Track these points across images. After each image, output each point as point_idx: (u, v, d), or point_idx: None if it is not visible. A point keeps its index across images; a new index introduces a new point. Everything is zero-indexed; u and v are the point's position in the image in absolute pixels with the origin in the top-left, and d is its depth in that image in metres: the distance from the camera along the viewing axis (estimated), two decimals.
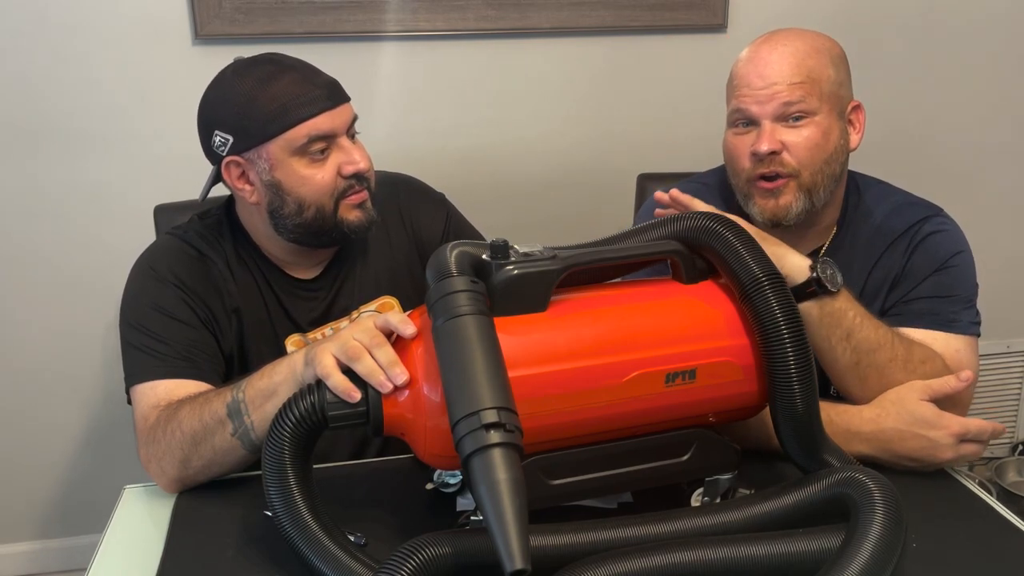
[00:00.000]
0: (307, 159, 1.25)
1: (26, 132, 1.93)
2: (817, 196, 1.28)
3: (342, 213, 1.28)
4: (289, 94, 1.23)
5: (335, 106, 1.25)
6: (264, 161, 1.25)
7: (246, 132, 1.24)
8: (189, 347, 1.23)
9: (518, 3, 2.04)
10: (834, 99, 1.28)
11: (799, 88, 1.25)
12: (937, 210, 1.36)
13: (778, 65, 1.26)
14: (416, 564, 0.81)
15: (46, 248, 2.00)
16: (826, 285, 1.12)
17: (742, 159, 1.29)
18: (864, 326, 1.15)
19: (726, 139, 1.33)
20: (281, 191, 1.26)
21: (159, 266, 1.28)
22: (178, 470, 1.12)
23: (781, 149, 1.26)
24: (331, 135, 1.25)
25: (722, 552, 0.87)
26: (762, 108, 1.26)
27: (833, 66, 1.29)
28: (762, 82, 1.26)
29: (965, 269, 1.31)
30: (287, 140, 1.23)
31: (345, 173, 1.27)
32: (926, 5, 2.25)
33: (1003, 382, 2.57)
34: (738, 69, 1.30)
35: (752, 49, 1.30)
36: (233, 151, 1.25)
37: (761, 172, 1.27)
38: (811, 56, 1.27)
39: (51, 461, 2.14)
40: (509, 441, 0.80)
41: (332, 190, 1.26)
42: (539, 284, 0.94)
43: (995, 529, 1.04)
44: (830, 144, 1.27)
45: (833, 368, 1.17)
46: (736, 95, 1.29)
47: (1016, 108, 2.39)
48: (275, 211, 1.28)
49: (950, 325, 1.26)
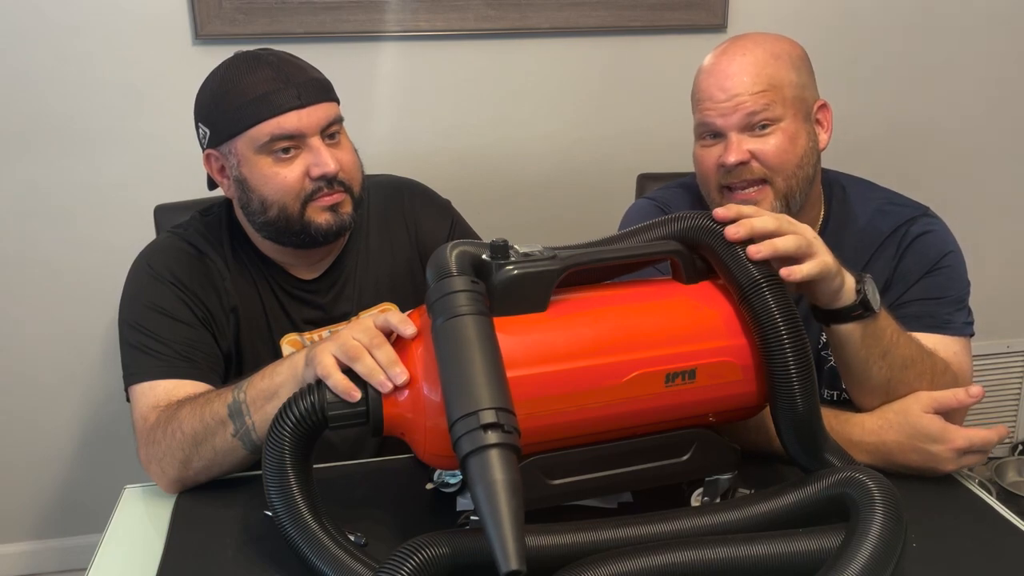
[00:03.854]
0: (271, 158, 1.24)
1: (26, 132, 1.93)
2: (793, 200, 1.28)
3: (310, 215, 1.26)
4: (257, 91, 1.22)
5: (305, 106, 1.23)
6: (233, 156, 1.26)
7: (217, 126, 1.25)
8: (188, 347, 1.23)
9: (518, 3, 2.04)
10: (798, 103, 1.28)
11: (762, 97, 1.24)
12: (924, 209, 1.35)
13: (738, 76, 1.25)
14: (416, 564, 0.81)
15: (46, 248, 2.00)
16: (872, 306, 1.07)
17: (711, 170, 1.29)
18: (900, 343, 1.11)
19: (695, 152, 1.33)
20: (247, 188, 1.26)
21: (157, 265, 1.28)
22: (179, 471, 1.12)
23: (749, 159, 1.26)
24: (298, 135, 1.24)
25: (722, 552, 0.87)
26: (726, 120, 1.26)
27: (794, 70, 1.28)
28: (724, 95, 1.25)
29: (956, 269, 1.31)
30: (251, 137, 1.23)
31: (313, 175, 1.25)
32: (926, 5, 2.25)
33: (1003, 382, 2.57)
34: (700, 82, 1.30)
35: (711, 61, 1.29)
36: (211, 144, 1.27)
37: (731, 182, 1.27)
38: (770, 63, 1.26)
39: (51, 461, 2.14)
40: (506, 442, 0.80)
41: (298, 191, 1.25)
42: (539, 284, 0.94)
43: (995, 529, 1.04)
44: (798, 148, 1.27)
45: (863, 385, 1.12)
46: (699, 108, 1.29)
47: (1016, 108, 2.39)
48: (244, 207, 1.28)
49: (945, 327, 1.26)
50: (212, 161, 1.29)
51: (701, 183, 1.34)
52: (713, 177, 1.29)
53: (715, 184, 1.29)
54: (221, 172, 1.29)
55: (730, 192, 1.28)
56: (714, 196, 1.31)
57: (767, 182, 1.26)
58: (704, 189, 1.33)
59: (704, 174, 1.31)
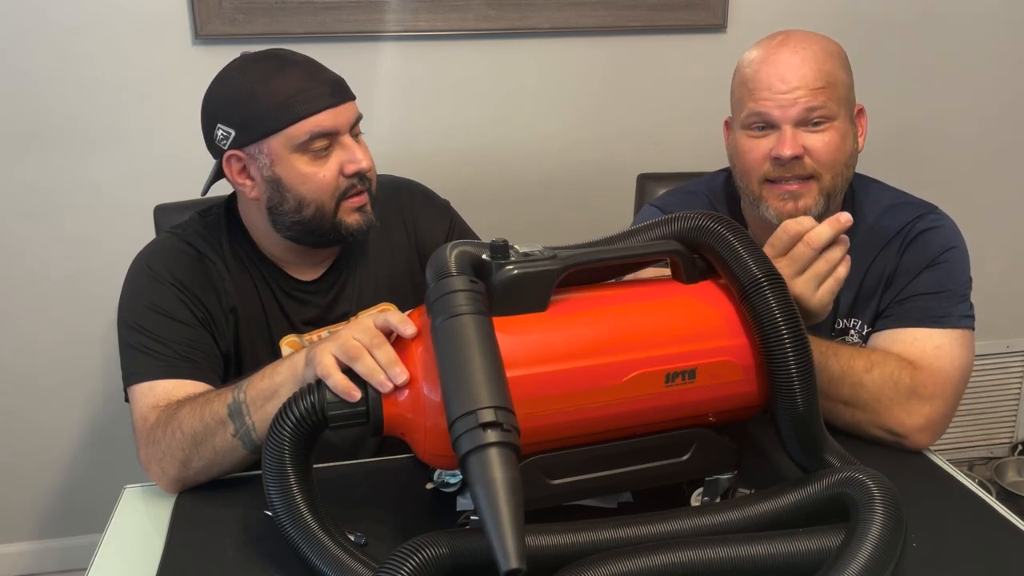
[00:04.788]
0: (308, 156, 1.24)
1: (26, 132, 1.93)
2: (835, 199, 1.28)
3: (342, 215, 1.27)
4: (292, 89, 1.22)
5: (339, 103, 1.25)
6: (265, 156, 1.24)
7: (248, 126, 1.24)
8: (187, 347, 1.23)
9: (518, 3, 2.04)
10: (848, 103, 1.29)
11: (821, 93, 1.24)
12: (931, 208, 1.35)
13: (800, 70, 1.25)
14: (416, 564, 0.81)
15: (46, 248, 2.00)
16: None
17: (758, 162, 1.28)
18: (838, 355, 1.18)
19: (739, 141, 1.31)
20: (281, 187, 1.25)
21: (157, 266, 1.28)
22: (178, 470, 1.12)
23: (803, 154, 1.25)
24: (333, 132, 1.25)
25: (722, 552, 0.87)
26: (784, 112, 1.25)
27: (845, 70, 1.29)
28: (784, 86, 1.25)
29: (957, 264, 1.31)
30: (288, 136, 1.23)
31: (347, 172, 1.26)
32: (926, 5, 2.25)
33: (1003, 382, 2.57)
34: (754, 71, 1.28)
35: (767, 51, 1.28)
36: (235, 145, 1.25)
37: (779, 175, 1.27)
38: (828, 60, 1.26)
39: (51, 461, 2.14)
40: (506, 440, 0.80)
41: (334, 189, 1.26)
42: (539, 284, 0.94)
43: (995, 529, 1.04)
44: (847, 147, 1.28)
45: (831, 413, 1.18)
46: (754, 98, 1.27)
47: (1017, 108, 2.39)
48: (274, 208, 1.27)
49: (939, 321, 1.26)
50: (233, 163, 1.27)
51: (742, 174, 1.32)
52: (759, 169, 1.28)
53: (759, 176, 1.28)
54: (243, 173, 1.27)
55: (774, 185, 1.27)
56: (754, 188, 1.30)
57: (814, 178, 1.26)
58: (744, 181, 1.32)
59: (749, 164, 1.29)
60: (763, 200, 1.29)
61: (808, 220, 1.09)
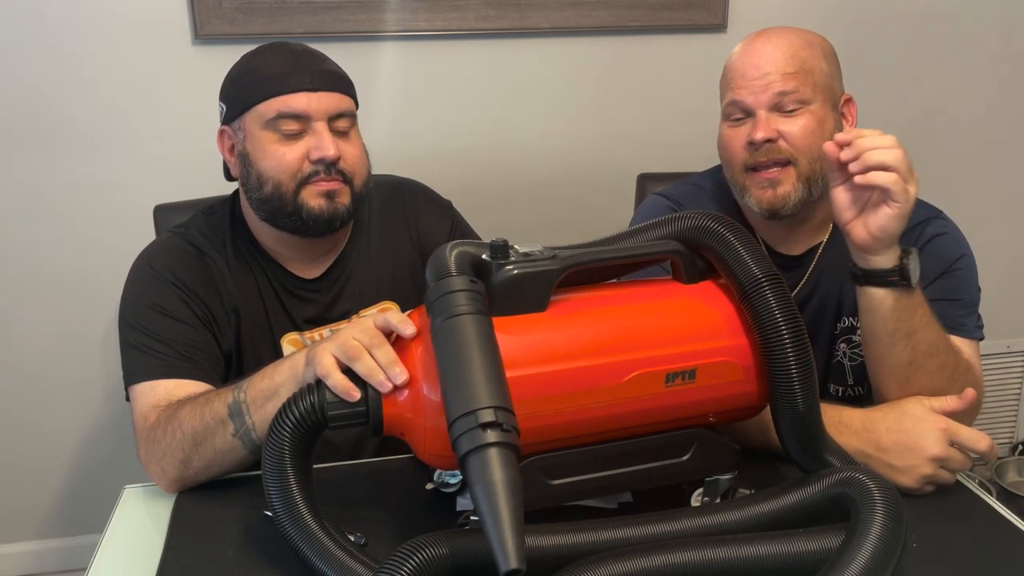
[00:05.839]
0: (276, 135, 1.26)
1: (26, 132, 1.93)
2: (815, 185, 1.27)
3: (304, 197, 1.26)
4: (272, 69, 1.26)
5: (318, 90, 1.26)
6: (241, 131, 1.29)
7: (231, 102, 1.29)
8: (188, 347, 1.23)
9: (518, 3, 2.04)
10: (827, 90, 1.29)
11: (793, 78, 1.25)
12: (937, 212, 1.36)
13: (772, 55, 1.27)
14: (416, 564, 0.81)
15: (46, 248, 2.00)
16: (909, 277, 1.09)
17: (738, 151, 1.29)
18: (929, 327, 1.13)
19: (721, 132, 1.33)
20: (248, 162, 1.28)
21: (158, 265, 1.28)
22: (178, 470, 1.12)
23: (777, 137, 1.26)
24: (304, 116, 1.25)
25: (722, 552, 0.87)
26: (757, 98, 1.26)
27: (825, 60, 1.30)
28: (757, 72, 1.26)
29: (969, 272, 1.31)
30: (259, 112, 1.26)
31: (312, 158, 1.26)
32: (925, 4, 2.25)
33: (1003, 382, 2.57)
34: (732, 62, 1.31)
35: (746, 43, 1.31)
36: (224, 120, 1.31)
37: (757, 161, 1.27)
38: (803, 49, 1.28)
39: (51, 461, 2.14)
40: (505, 440, 0.80)
41: (294, 171, 1.26)
42: (539, 284, 0.94)
43: (995, 529, 1.04)
44: (825, 133, 1.27)
45: (883, 362, 1.14)
46: (731, 87, 1.30)
47: (1016, 108, 2.39)
48: (244, 183, 1.30)
49: (959, 329, 1.26)
50: (225, 139, 1.32)
51: (726, 165, 1.33)
52: (739, 157, 1.29)
53: (740, 165, 1.29)
54: (231, 151, 1.32)
55: (754, 172, 1.28)
56: (738, 178, 1.31)
57: (791, 163, 1.26)
58: (728, 172, 1.33)
59: (730, 155, 1.31)
60: (746, 190, 1.30)
61: None
